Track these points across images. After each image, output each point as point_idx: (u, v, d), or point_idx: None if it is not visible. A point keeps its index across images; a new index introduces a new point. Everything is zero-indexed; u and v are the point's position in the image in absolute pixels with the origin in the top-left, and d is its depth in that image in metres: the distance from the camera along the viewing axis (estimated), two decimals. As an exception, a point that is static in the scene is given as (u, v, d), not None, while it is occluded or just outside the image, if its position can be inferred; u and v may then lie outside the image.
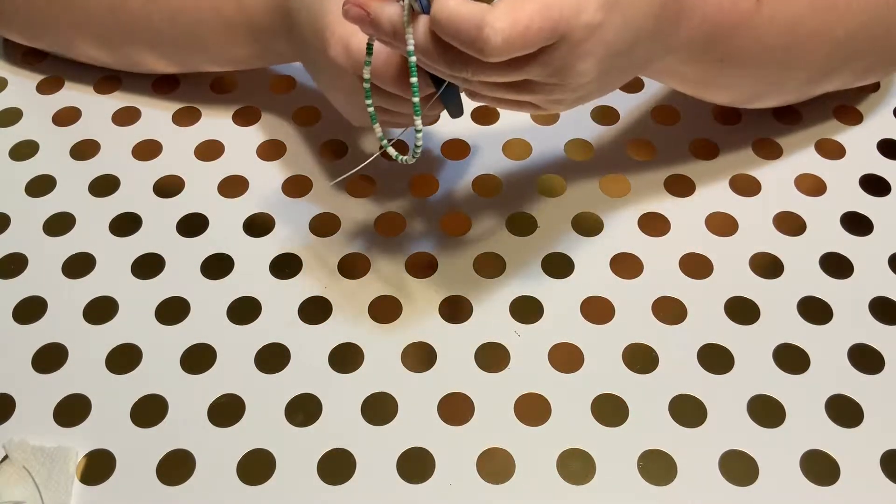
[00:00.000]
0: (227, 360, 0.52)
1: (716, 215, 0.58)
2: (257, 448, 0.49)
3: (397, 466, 0.48)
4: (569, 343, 0.53)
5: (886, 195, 0.60)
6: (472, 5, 0.38)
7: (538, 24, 0.39)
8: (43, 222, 0.59)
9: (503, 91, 0.44)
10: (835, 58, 0.56)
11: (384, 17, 0.41)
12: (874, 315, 0.54)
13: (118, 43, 0.62)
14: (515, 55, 0.39)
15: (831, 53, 0.55)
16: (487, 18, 0.38)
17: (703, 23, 0.48)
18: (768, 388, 0.51)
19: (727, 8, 0.49)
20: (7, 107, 0.66)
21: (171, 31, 0.60)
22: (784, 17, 0.51)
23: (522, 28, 0.38)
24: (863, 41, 0.55)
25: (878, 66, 0.60)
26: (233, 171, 0.61)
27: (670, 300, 0.54)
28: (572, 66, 0.41)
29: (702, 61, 0.51)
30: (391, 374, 0.51)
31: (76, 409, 0.50)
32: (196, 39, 0.60)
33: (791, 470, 0.48)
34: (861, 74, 0.60)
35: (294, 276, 0.56)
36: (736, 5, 0.49)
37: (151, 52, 0.62)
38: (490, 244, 0.57)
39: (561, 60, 0.41)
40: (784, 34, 0.52)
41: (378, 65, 0.46)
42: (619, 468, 0.48)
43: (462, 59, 0.40)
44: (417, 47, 0.41)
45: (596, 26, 0.40)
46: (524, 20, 0.38)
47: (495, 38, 0.38)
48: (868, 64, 0.58)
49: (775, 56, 0.53)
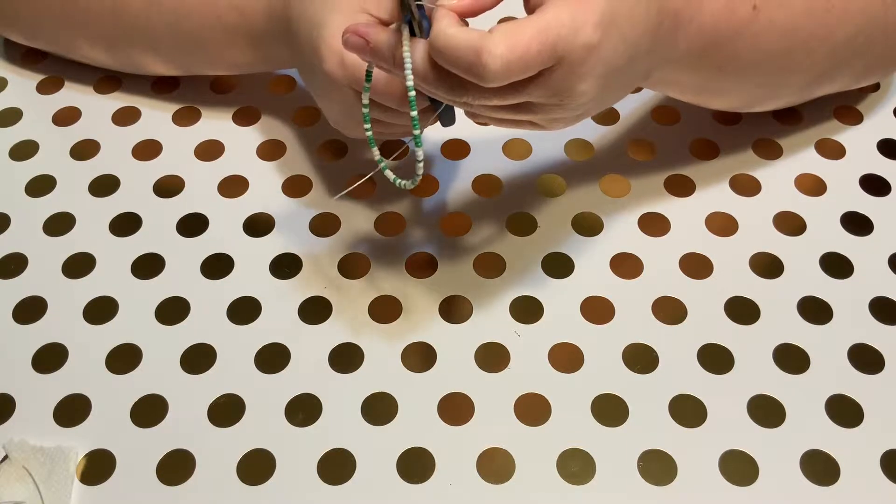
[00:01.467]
0: (227, 360, 0.52)
1: (716, 215, 0.58)
2: (257, 448, 0.49)
3: (397, 466, 0.48)
4: (569, 343, 0.53)
5: (886, 195, 0.60)
6: (469, 32, 0.39)
7: (536, 48, 0.39)
8: (43, 222, 0.59)
9: (503, 112, 0.44)
10: (833, 60, 0.56)
11: (384, 46, 0.41)
12: (874, 315, 0.54)
13: (119, 45, 0.62)
14: (515, 80, 0.40)
15: (830, 56, 0.55)
16: (485, 45, 0.38)
17: (701, 32, 0.48)
18: (768, 388, 0.51)
19: (724, 17, 0.49)
20: (7, 107, 0.65)
21: (171, 35, 0.60)
22: (781, 23, 0.51)
23: (521, 52, 0.38)
24: (861, 44, 0.55)
25: (877, 67, 0.60)
26: (233, 171, 0.61)
27: (670, 300, 0.54)
28: (572, 86, 0.41)
29: (700, 69, 0.51)
30: (391, 374, 0.51)
31: (76, 409, 0.50)
32: (197, 44, 0.60)
33: (791, 470, 0.48)
34: (860, 76, 0.60)
35: (294, 276, 0.56)
36: (733, 13, 0.49)
37: (151, 55, 0.62)
38: (490, 244, 0.57)
39: (560, 82, 0.41)
40: (782, 39, 0.52)
41: (378, 85, 0.46)
42: (619, 468, 0.48)
43: (462, 84, 0.41)
44: (417, 73, 0.41)
45: (594, 46, 0.40)
46: (522, 44, 0.38)
47: (494, 63, 0.38)
48: (867, 65, 0.58)
49: (774, 62, 0.53)
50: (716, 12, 0.48)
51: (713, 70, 0.51)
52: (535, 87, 0.41)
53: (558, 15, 0.39)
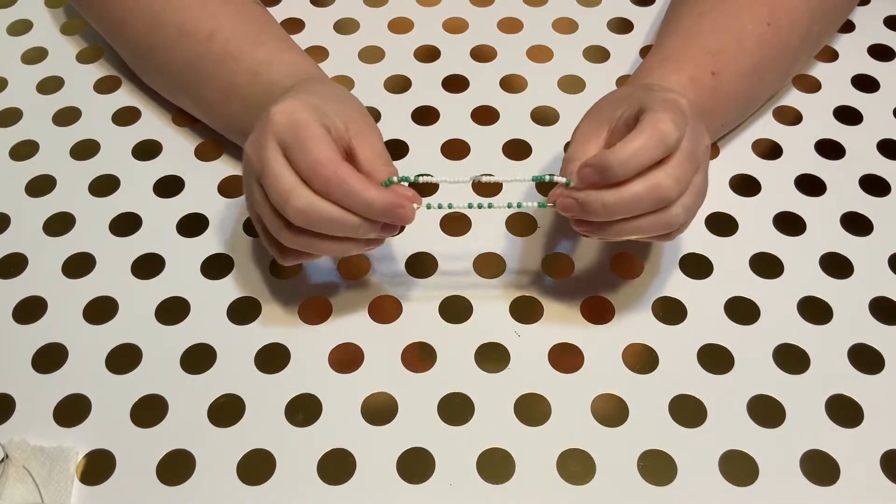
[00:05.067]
0: (227, 360, 0.52)
1: (716, 216, 0.58)
2: (257, 448, 0.49)
3: (397, 466, 0.48)
4: (569, 343, 0.53)
5: (886, 195, 0.60)
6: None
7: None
8: (43, 222, 0.59)
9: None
10: (800, 56, 0.61)
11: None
12: (874, 315, 0.54)
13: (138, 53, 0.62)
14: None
15: (793, 60, 0.61)
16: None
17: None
18: (768, 388, 0.51)
19: (691, 88, 0.54)
20: (7, 107, 0.65)
21: (184, 73, 0.59)
22: (742, 69, 0.56)
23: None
24: (816, 31, 0.61)
25: (834, 31, 0.67)
26: (232, 172, 0.61)
27: (670, 300, 0.54)
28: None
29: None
30: (391, 374, 0.51)
31: (76, 409, 0.50)
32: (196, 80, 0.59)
33: (791, 470, 0.48)
34: (824, 39, 0.66)
35: (294, 277, 0.56)
36: (699, 83, 0.54)
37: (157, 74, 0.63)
38: (490, 244, 0.57)
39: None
40: (747, 78, 0.57)
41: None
42: (619, 468, 0.48)
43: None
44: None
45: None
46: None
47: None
48: (827, 32, 0.64)
49: (748, 93, 0.59)
50: (694, 92, 0.54)
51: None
52: None
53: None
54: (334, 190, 0.45)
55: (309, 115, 0.46)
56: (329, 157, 0.45)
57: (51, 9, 0.72)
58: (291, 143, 0.45)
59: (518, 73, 0.67)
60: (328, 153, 0.45)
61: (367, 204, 0.45)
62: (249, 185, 0.48)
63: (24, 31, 0.71)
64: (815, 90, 0.66)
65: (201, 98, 0.59)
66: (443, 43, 0.69)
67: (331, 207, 0.45)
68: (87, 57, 0.69)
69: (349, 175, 0.45)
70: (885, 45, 0.69)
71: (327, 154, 0.45)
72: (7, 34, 0.70)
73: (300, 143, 0.45)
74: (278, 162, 0.46)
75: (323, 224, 0.45)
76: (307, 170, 0.45)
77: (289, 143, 0.46)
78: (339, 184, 0.45)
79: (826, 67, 0.67)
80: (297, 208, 0.45)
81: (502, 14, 0.71)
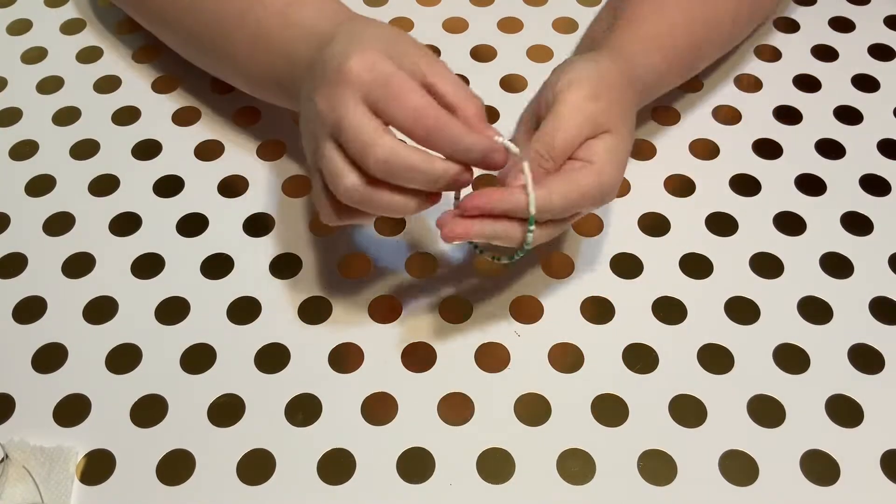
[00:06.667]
0: (227, 360, 0.52)
1: (716, 215, 0.58)
2: (257, 448, 0.49)
3: (397, 466, 0.48)
4: (569, 343, 0.53)
5: (886, 195, 0.60)
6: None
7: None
8: (43, 222, 0.59)
9: None
10: (735, 33, 0.64)
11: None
12: (874, 315, 0.54)
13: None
14: None
15: (731, 33, 0.64)
16: None
17: (646, 88, 0.56)
18: (768, 388, 0.51)
19: (651, 77, 0.56)
20: (7, 107, 0.66)
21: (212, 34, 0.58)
22: (686, 44, 0.59)
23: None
24: (747, 10, 0.63)
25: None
26: (233, 171, 0.61)
27: (670, 300, 0.54)
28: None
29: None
30: (391, 374, 0.51)
31: (76, 409, 0.50)
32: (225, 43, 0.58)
33: (791, 470, 0.48)
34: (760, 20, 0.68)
35: (294, 276, 0.56)
36: (654, 69, 0.56)
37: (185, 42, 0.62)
38: (490, 244, 0.57)
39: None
40: (689, 56, 0.60)
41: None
42: (619, 468, 0.48)
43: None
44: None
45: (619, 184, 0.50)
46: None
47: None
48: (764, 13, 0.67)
49: (697, 51, 0.61)
50: (646, 77, 0.55)
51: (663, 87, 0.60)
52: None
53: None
54: (438, 137, 0.44)
55: (390, 65, 0.45)
56: (428, 104, 0.44)
57: (51, 9, 0.72)
58: (382, 95, 0.44)
59: (518, 73, 0.67)
60: (425, 101, 0.44)
61: (467, 149, 0.44)
62: (316, 138, 0.47)
63: (24, 30, 0.71)
64: (815, 90, 0.66)
65: (227, 52, 0.58)
66: (443, 43, 0.69)
67: (415, 155, 0.44)
68: (87, 57, 0.69)
69: (450, 120, 0.44)
70: (885, 44, 0.69)
71: (424, 102, 0.44)
72: (7, 34, 0.71)
73: (394, 95, 0.44)
74: (359, 111, 0.44)
75: (404, 173, 0.44)
76: (407, 120, 0.44)
77: (378, 96, 0.44)
78: (443, 129, 0.44)
79: (826, 67, 0.67)
80: (378, 158, 0.43)
81: (502, 14, 0.71)
